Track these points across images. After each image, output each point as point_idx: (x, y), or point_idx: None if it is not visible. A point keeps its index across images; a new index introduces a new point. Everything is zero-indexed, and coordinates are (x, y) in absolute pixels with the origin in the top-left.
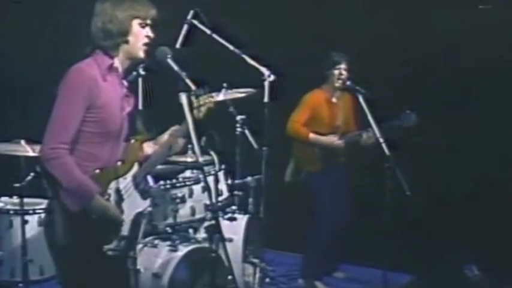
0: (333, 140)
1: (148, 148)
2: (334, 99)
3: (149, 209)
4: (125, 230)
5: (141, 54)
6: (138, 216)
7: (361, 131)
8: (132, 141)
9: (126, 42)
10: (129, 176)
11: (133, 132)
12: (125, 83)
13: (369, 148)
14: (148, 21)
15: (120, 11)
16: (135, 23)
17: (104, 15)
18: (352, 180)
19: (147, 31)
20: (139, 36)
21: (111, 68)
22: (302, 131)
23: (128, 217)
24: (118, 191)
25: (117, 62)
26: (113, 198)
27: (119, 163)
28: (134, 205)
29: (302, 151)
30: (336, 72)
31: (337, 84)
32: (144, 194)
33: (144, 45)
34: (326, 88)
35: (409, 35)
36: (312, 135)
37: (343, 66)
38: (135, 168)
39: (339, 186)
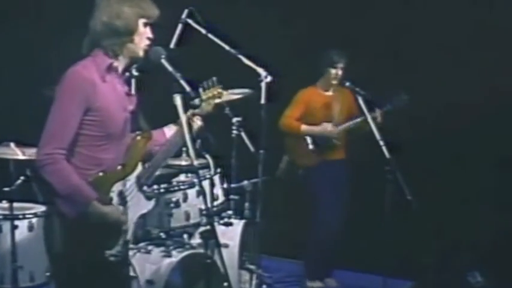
0: (326, 127)
1: (170, 131)
2: (329, 92)
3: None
4: (128, 234)
5: (141, 54)
6: (141, 218)
7: (356, 117)
8: (138, 138)
9: (132, 41)
10: (132, 178)
11: (137, 129)
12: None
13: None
14: (151, 21)
15: (128, 7)
16: (141, 22)
17: (110, 11)
18: (352, 182)
19: (149, 31)
20: (143, 36)
21: (111, 68)
22: (294, 124)
23: (131, 220)
24: (121, 193)
25: (117, 62)
26: (115, 201)
27: (119, 167)
28: (138, 207)
29: (296, 146)
30: (333, 71)
31: (333, 82)
32: (148, 194)
33: (145, 45)
34: (321, 85)
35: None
36: (304, 127)
37: (340, 65)
38: (139, 168)
39: (338, 182)
